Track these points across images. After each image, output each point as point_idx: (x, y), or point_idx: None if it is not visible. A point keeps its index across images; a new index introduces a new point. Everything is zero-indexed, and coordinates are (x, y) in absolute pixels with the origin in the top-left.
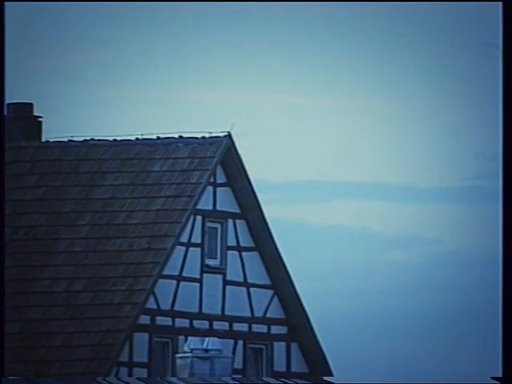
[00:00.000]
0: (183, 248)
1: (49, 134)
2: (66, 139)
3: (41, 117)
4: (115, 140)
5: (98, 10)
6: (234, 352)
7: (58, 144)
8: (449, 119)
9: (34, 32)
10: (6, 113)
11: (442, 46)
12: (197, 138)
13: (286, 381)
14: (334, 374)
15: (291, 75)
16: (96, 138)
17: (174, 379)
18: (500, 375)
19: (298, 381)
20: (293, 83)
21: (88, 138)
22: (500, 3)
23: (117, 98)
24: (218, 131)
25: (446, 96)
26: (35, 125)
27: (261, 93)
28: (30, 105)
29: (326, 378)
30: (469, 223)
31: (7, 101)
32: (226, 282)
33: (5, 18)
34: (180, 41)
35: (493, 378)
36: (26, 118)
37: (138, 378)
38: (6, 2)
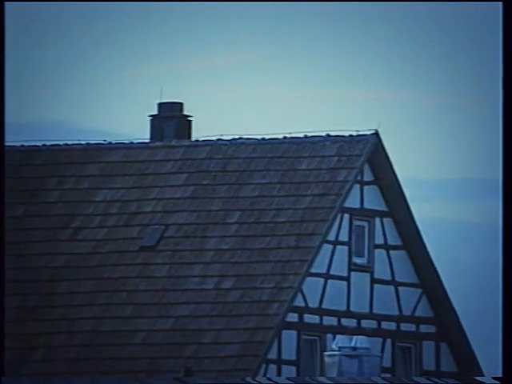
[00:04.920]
0: (330, 246)
1: (198, 132)
2: (214, 138)
3: (190, 116)
4: (263, 139)
5: (247, 13)
6: (382, 351)
7: (207, 143)
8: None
9: (185, 33)
10: (156, 112)
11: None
12: (344, 136)
13: (436, 380)
14: (485, 373)
15: (437, 74)
16: (244, 136)
17: (323, 379)
18: (500, 375)
19: (448, 380)
20: (439, 81)
21: (236, 137)
22: (500, 3)
23: (265, 97)
24: (366, 129)
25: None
26: (185, 124)
27: (408, 91)
28: (180, 104)
29: (476, 377)
30: None
31: (158, 100)
32: (373, 281)
33: (5, 18)
34: (324, 40)
35: (493, 378)
36: (176, 117)
37: (288, 378)
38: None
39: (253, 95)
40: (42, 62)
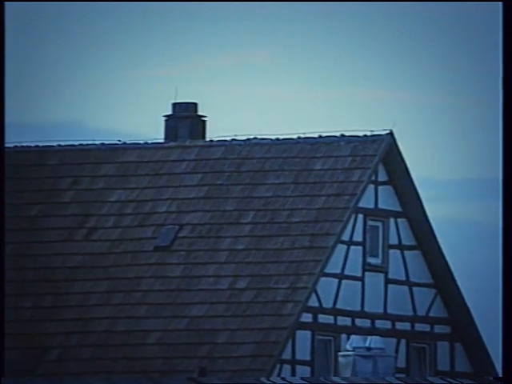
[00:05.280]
0: (345, 246)
1: (212, 133)
2: (229, 138)
3: (205, 116)
4: (277, 139)
5: (263, 12)
6: (396, 351)
7: (222, 143)
8: None
9: (198, 33)
10: (171, 112)
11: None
12: (358, 137)
13: (451, 381)
14: (500, 374)
15: (450, 75)
16: (259, 136)
17: (337, 379)
18: (500, 375)
19: (463, 381)
20: (452, 83)
21: (251, 137)
22: (500, 3)
23: (280, 98)
24: (380, 129)
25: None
26: (199, 124)
27: (421, 92)
28: (195, 104)
29: (491, 378)
30: None
31: (172, 100)
32: (387, 281)
33: (5, 18)
34: (336, 41)
35: (493, 378)
36: (190, 118)
37: (302, 378)
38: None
39: (267, 95)
40: (53, 62)
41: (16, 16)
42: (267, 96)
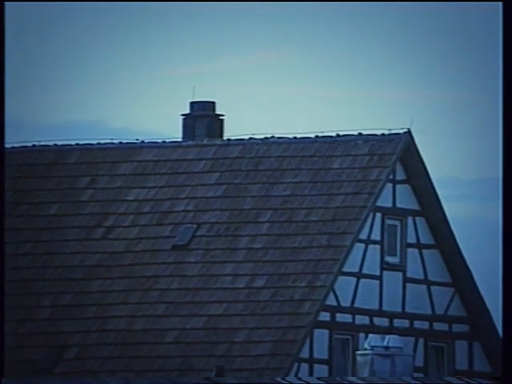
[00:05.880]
0: (363, 245)
1: (230, 131)
2: (246, 137)
3: (223, 115)
4: (295, 137)
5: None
6: (414, 350)
7: (239, 142)
8: None
9: (218, 33)
10: (189, 111)
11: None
12: (376, 135)
13: (468, 381)
14: None
15: (471, 72)
16: (276, 135)
17: (353, 379)
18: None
19: (481, 381)
20: (471, 80)
21: (268, 136)
22: (500, 3)
23: (297, 97)
24: (398, 128)
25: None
26: (217, 123)
27: (439, 90)
28: (213, 103)
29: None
30: None
31: (190, 100)
32: (406, 280)
33: (4, 18)
34: (353, 42)
35: (492, 378)
36: (208, 117)
37: (318, 378)
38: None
39: (285, 94)
40: (71, 62)
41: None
42: (285, 95)
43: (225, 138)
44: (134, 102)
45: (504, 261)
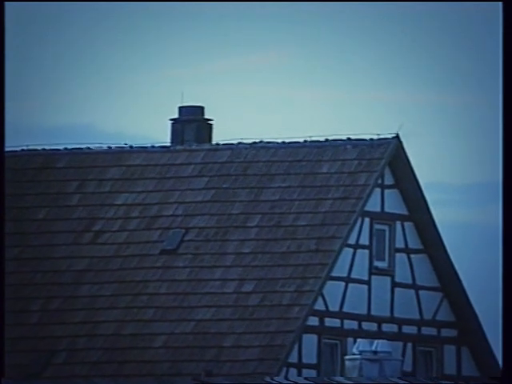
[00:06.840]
0: (351, 250)
1: (219, 136)
2: (235, 142)
3: (211, 120)
4: (284, 142)
5: (269, 13)
6: (403, 354)
7: (228, 146)
8: None
9: (205, 36)
10: (177, 115)
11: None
12: (365, 140)
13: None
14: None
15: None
16: (265, 140)
17: (341, 378)
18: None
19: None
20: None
21: (257, 141)
22: (500, 3)
23: (286, 101)
24: (387, 133)
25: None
26: (206, 127)
27: (428, 93)
28: (201, 108)
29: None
30: None
31: (179, 104)
32: (394, 284)
33: (4, 18)
34: (344, 44)
35: (493, 378)
36: (196, 121)
37: (306, 378)
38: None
39: (273, 99)
40: (60, 65)
41: (17, 16)
42: (274, 99)
43: (213, 142)
44: (123, 106)
45: (504, 263)
